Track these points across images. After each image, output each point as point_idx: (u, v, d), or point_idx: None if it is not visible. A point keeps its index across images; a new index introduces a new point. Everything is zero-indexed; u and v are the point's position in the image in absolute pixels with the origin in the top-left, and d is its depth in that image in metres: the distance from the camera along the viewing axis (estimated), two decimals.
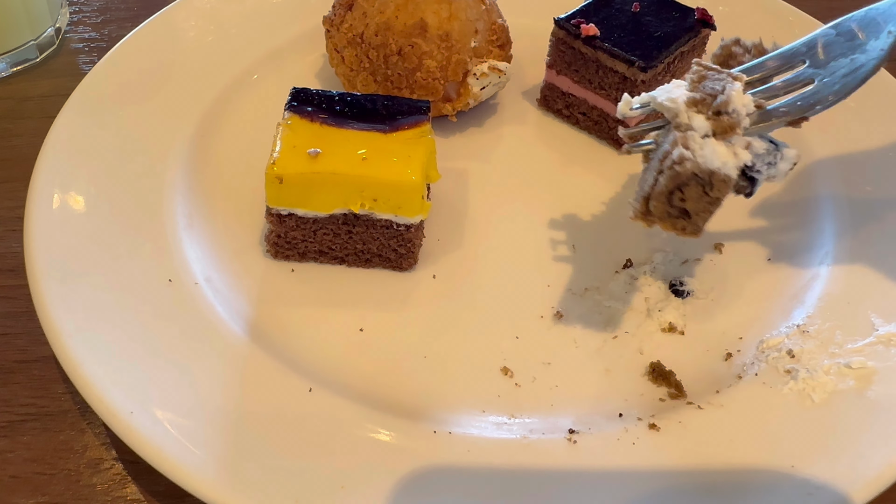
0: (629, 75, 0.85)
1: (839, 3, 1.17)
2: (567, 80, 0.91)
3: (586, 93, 0.90)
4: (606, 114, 0.89)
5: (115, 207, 0.77)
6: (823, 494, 0.61)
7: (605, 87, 0.88)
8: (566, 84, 0.91)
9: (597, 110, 0.90)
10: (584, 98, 0.90)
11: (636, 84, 0.85)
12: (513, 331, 0.74)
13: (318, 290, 0.76)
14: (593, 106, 0.90)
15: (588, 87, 0.89)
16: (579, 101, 0.91)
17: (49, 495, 0.65)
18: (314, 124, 0.74)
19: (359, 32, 0.86)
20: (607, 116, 0.89)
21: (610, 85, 0.87)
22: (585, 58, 0.87)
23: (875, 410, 0.66)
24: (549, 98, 0.94)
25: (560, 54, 0.90)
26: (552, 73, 0.92)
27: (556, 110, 0.94)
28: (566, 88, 0.91)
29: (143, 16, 0.97)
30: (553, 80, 0.92)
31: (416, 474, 0.62)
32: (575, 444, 0.65)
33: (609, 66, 0.86)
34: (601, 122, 0.91)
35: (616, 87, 0.87)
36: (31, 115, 0.95)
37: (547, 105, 0.94)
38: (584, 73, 0.89)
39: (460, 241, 0.81)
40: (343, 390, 0.67)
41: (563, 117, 0.93)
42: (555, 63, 0.91)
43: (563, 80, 0.91)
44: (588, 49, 0.86)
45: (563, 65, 0.90)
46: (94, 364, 0.65)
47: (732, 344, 0.73)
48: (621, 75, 0.85)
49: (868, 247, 0.79)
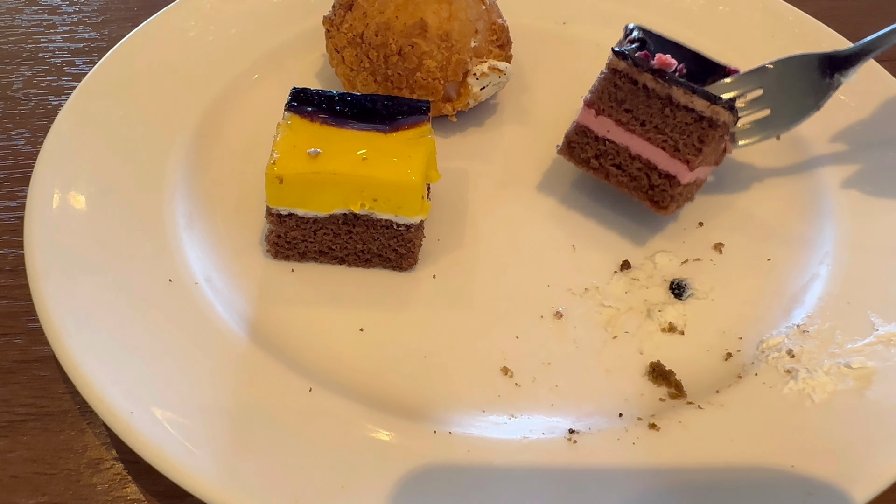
0: (710, 114, 0.74)
1: (839, 3, 1.18)
2: (609, 121, 0.79)
3: (632, 138, 0.78)
4: (652, 165, 0.78)
5: (115, 207, 0.77)
6: (823, 494, 0.61)
7: (664, 130, 0.76)
8: (606, 127, 0.79)
9: (640, 161, 0.78)
10: (626, 146, 0.79)
11: (715, 125, 0.74)
12: (513, 331, 0.74)
13: (318, 290, 0.76)
14: (636, 155, 0.78)
15: (638, 130, 0.78)
16: (618, 150, 0.79)
17: (49, 495, 0.65)
18: (314, 124, 0.74)
19: (359, 32, 0.86)
20: (652, 169, 0.78)
21: (674, 128, 0.76)
22: (650, 94, 0.76)
23: (875, 410, 0.66)
24: (577, 146, 0.81)
25: (613, 91, 0.78)
26: (590, 113, 0.79)
27: (582, 160, 0.81)
28: (604, 133, 0.79)
29: (143, 16, 0.97)
30: (588, 123, 0.80)
31: (416, 474, 0.62)
32: (575, 444, 0.65)
33: (683, 103, 0.75)
34: (640, 176, 0.79)
35: (682, 130, 0.76)
36: (32, 114, 0.95)
37: (572, 154, 0.81)
38: (639, 114, 0.77)
39: (460, 241, 0.81)
40: (343, 390, 0.67)
41: (589, 169, 0.81)
42: (600, 100, 0.78)
43: (604, 123, 0.79)
44: (659, 84, 0.76)
45: (611, 103, 0.78)
46: (94, 364, 0.65)
47: (732, 344, 0.73)
48: (696, 114, 0.75)
49: (868, 247, 0.79)
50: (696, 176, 0.77)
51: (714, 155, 0.78)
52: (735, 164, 0.89)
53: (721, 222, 0.83)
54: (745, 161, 0.90)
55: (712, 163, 0.78)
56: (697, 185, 0.80)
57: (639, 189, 0.79)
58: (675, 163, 0.76)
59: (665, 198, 0.78)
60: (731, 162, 0.89)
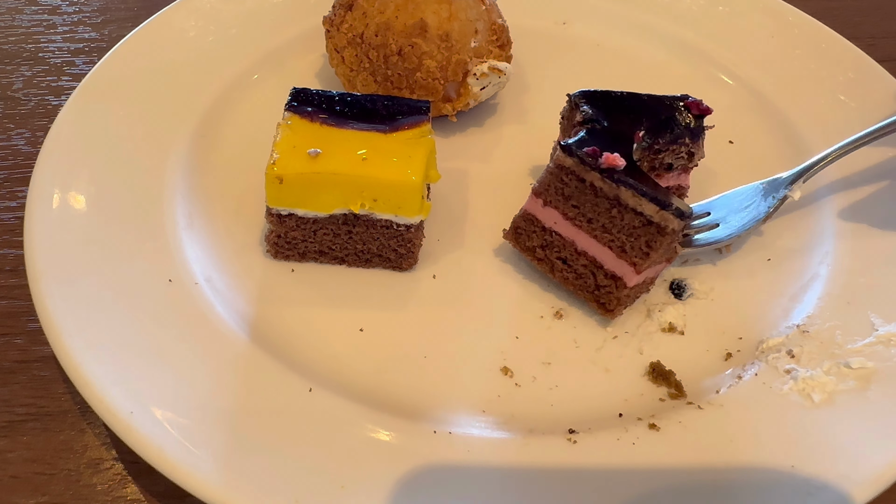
0: (658, 219, 0.70)
1: (839, 3, 1.18)
2: (556, 214, 0.75)
3: (578, 234, 0.74)
4: (598, 264, 0.73)
5: (115, 207, 0.77)
6: (823, 494, 0.61)
7: (611, 230, 0.72)
8: (552, 219, 0.75)
9: (586, 258, 0.74)
10: (572, 240, 0.74)
11: (664, 231, 0.70)
12: (513, 331, 0.74)
13: (318, 290, 0.76)
14: (582, 252, 0.74)
15: (585, 227, 0.73)
16: (564, 244, 0.75)
17: (49, 495, 0.65)
18: (314, 124, 0.74)
19: (359, 32, 0.86)
20: (598, 268, 0.74)
21: (621, 229, 0.71)
22: (597, 193, 0.72)
23: (875, 410, 0.66)
24: (522, 232, 0.77)
25: (560, 185, 0.73)
26: (537, 203, 0.75)
27: (528, 248, 0.77)
28: (550, 224, 0.75)
29: (143, 16, 0.97)
30: (535, 212, 0.76)
31: (416, 474, 0.62)
32: (575, 444, 0.65)
33: (632, 206, 0.70)
34: (586, 274, 0.74)
35: (630, 233, 0.71)
36: (32, 114, 0.95)
37: (517, 240, 0.77)
38: (586, 211, 0.73)
39: (460, 241, 0.81)
40: (343, 390, 0.67)
41: (534, 259, 0.77)
42: (546, 192, 0.74)
43: (550, 214, 0.75)
44: (606, 184, 0.71)
45: (558, 197, 0.74)
46: (94, 364, 0.65)
47: (732, 344, 0.73)
48: (645, 219, 0.70)
49: (868, 247, 0.79)
50: (644, 277, 0.73)
51: (665, 255, 0.74)
52: (735, 165, 0.89)
53: None
54: (745, 161, 0.90)
55: (663, 261, 0.75)
56: (647, 283, 0.76)
57: (584, 288, 0.75)
58: (622, 264, 0.72)
59: (611, 300, 0.73)
60: (731, 162, 0.89)
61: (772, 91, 0.96)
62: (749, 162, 0.90)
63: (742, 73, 0.98)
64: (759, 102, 0.96)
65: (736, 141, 0.92)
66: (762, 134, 0.93)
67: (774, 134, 0.93)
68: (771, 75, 0.97)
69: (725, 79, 0.99)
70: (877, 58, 0.96)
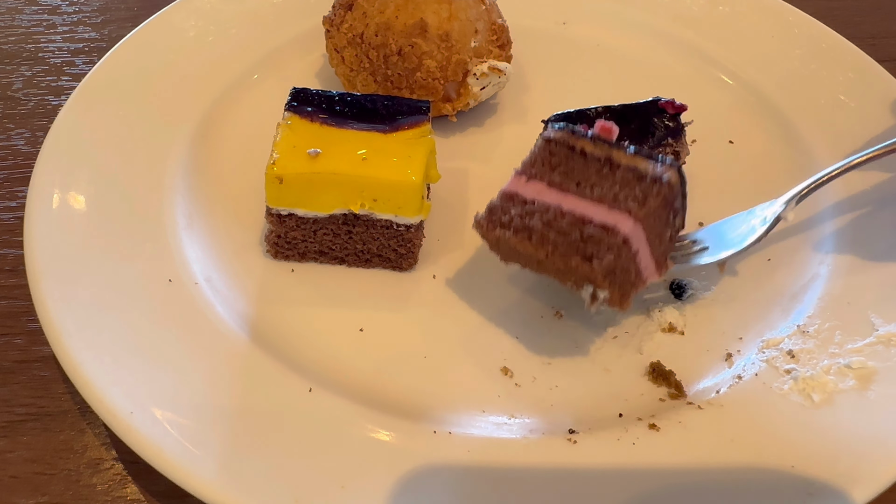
0: (654, 173, 0.68)
1: (839, 3, 1.18)
2: (540, 185, 0.71)
3: (564, 198, 0.69)
4: (587, 219, 0.68)
5: (115, 207, 0.77)
6: (823, 494, 0.61)
7: (602, 185, 0.69)
8: (535, 191, 0.71)
9: (572, 217, 0.68)
10: (557, 204, 0.69)
11: (660, 181, 0.68)
12: (513, 331, 0.74)
13: (318, 290, 0.76)
14: (568, 212, 0.69)
15: (572, 190, 0.70)
16: (547, 208, 0.69)
17: (49, 495, 0.65)
18: (314, 124, 0.75)
19: (359, 32, 0.86)
20: (586, 223, 0.67)
21: (614, 183, 0.69)
22: (587, 157, 0.70)
23: (875, 410, 0.66)
24: (499, 211, 0.71)
25: (547, 157, 0.72)
26: (520, 180, 0.72)
27: (503, 223, 0.70)
28: (532, 196, 0.71)
29: (143, 16, 0.97)
30: (516, 189, 0.71)
31: (416, 474, 0.62)
32: (575, 444, 0.65)
33: (625, 163, 0.69)
34: (570, 231, 0.68)
35: (623, 185, 0.68)
36: (32, 114, 0.95)
37: (491, 219, 0.71)
38: (575, 175, 0.70)
39: (460, 241, 0.81)
40: (343, 390, 0.67)
41: (509, 230, 0.69)
42: (532, 167, 0.72)
43: (533, 187, 0.71)
44: (598, 146, 0.70)
45: (543, 169, 0.71)
46: (94, 364, 0.65)
47: (732, 344, 0.73)
48: (640, 173, 0.68)
49: (868, 247, 0.79)
50: (636, 238, 0.67)
51: (661, 226, 0.70)
52: (734, 165, 0.89)
53: None
54: (745, 161, 0.90)
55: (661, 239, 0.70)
56: (639, 277, 0.70)
57: (568, 245, 0.67)
58: (614, 213, 0.67)
59: (601, 248, 0.65)
60: (731, 162, 0.89)
61: (772, 91, 0.96)
62: (749, 162, 0.90)
63: (742, 73, 0.98)
64: (759, 102, 0.96)
65: (736, 141, 0.92)
66: (762, 134, 0.93)
67: (774, 134, 0.92)
68: (771, 75, 0.97)
69: (725, 79, 0.99)
70: (877, 58, 0.96)
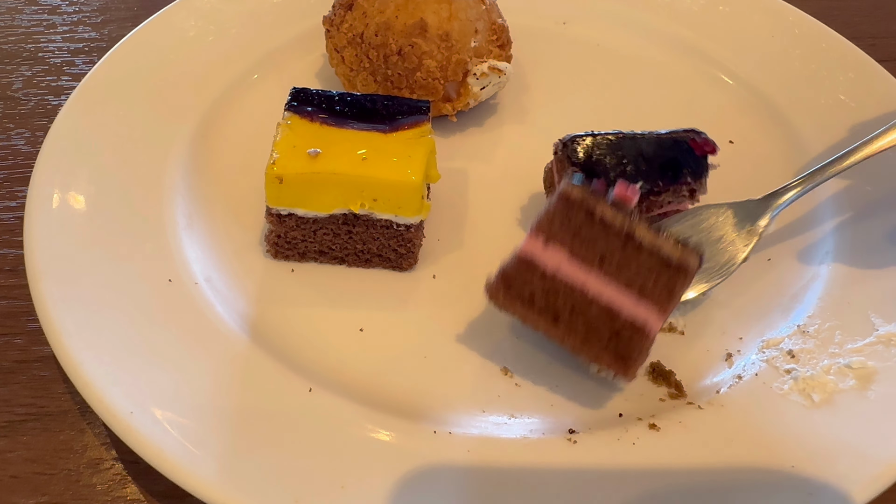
0: (677, 259, 0.63)
1: (839, 3, 1.18)
2: (561, 254, 0.64)
3: (588, 277, 0.63)
4: (615, 311, 0.63)
5: (115, 207, 0.77)
6: (823, 494, 0.61)
7: (628, 269, 0.63)
8: (556, 261, 0.64)
9: (598, 305, 0.63)
10: (581, 285, 0.64)
11: (686, 271, 0.63)
12: (513, 331, 0.74)
13: (318, 290, 0.76)
14: (594, 298, 0.64)
15: (596, 268, 0.63)
16: (571, 290, 0.64)
17: (49, 495, 0.65)
18: (314, 124, 0.75)
19: (359, 32, 0.86)
20: (615, 316, 0.63)
21: (639, 268, 0.63)
22: (608, 229, 0.63)
23: (875, 410, 0.66)
24: (514, 283, 0.65)
25: (566, 219, 0.64)
26: (537, 242, 0.64)
27: (520, 298, 0.65)
28: (553, 268, 0.64)
29: (143, 16, 0.97)
30: (534, 254, 0.64)
31: (416, 474, 0.62)
32: (575, 444, 0.65)
33: (647, 244, 0.63)
34: (599, 325, 0.64)
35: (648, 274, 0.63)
36: (32, 114, 0.95)
37: (507, 293, 0.65)
38: (598, 248, 0.63)
39: (460, 241, 0.81)
40: (343, 390, 0.67)
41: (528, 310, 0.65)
42: (550, 227, 0.64)
43: (554, 256, 0.64)
44: (618, 217, 0.63)
45: (564, 233, 0.64)
46: (94, 364, 0.65)
47: (732, 344, 0.73)
48: (663, 259, 0.63)
49: (868, 247, 0.79)
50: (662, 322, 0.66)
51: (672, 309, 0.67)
52: (735, 165, 0.89)
53: None
54: (745, 161, 0.90)
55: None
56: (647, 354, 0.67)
57: (596, 339, 0.64)
58: (644, 308, 0.63)
59: (632, 349, 0.63)
60: (731, 162, 0.89)
61: (772, 91, 0.96)
62: (749, 162, 0.90)
63: (742, 73, 0.98)
64: (759, 102, 0.96)
65: (736, 141, 0.92)
66: (762, 134, 0.93)
67: (774, 134, 0.92)
68: (771, 75, 0.97)
69: (725, 79, 0.99)
70: (877, 58, 0.96)
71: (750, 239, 0.76)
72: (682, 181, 0.75)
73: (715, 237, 0.76)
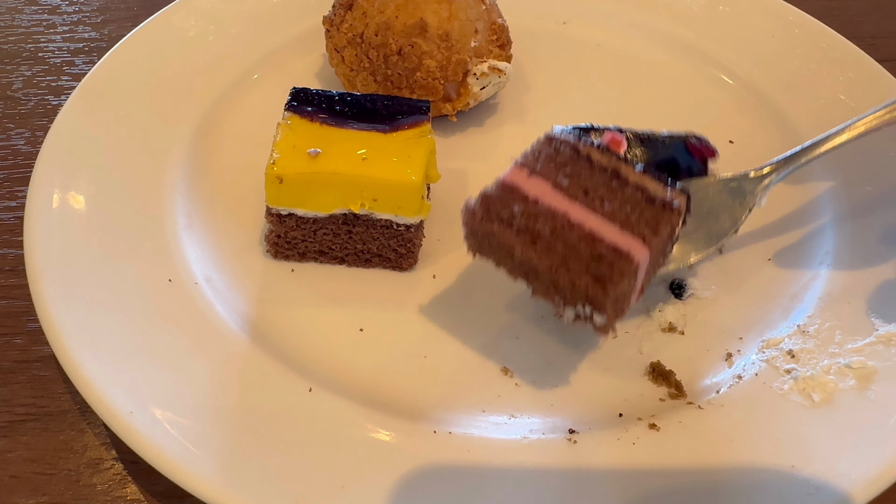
0: (663, 196, 0.65)
1: (839, 3, 1.18)
2: (544, 185, 0.66)
3: (572, 206, 0.64)
4: (597, 236, 0.63)
5: (115, 207, 0.77)
6: (823, 494, 0.61)
7: (612, 201, 0.64)
8: (539, 190, 0.65)
9: (581, 230, 0.63)
10: (564, 212, 0.64)
11: (671, 208, 0.64)
12: (513, 331, 0.74)
13: (318, 290, 0.76)
14: (577, 223, 0.64)
15: (581, 198, 0.65)
16: (553, 214, 0.64)
17: (49, 495, 0.65)
18: (314, 124, 0.75)
19: (359, 32, 0.86)
20: (597, 240, 0.63)
21: (624, 201, 0.64)
22: (593, 165, 0.66)
23: (875, 410, 0.66)
24: (493, 209, 0.65)
25: (551, 153, 0.67)
26: (520, 173, 0.66)
27: (502, 219, 0.64)
28: (535, 194, 0.65)
29: (143, 16, 0.97)
30: (517, 181, 0.66)
31: (416, 474, 0.62)
32: (575, 444, 0.65)
33: (633, 181, 0.65)
34: (580, 246, 0.63)
35: (633, 207, 0.64)
36: (32, 114, 0.95)
37: (487, 213, 0.65)
38: (582, 181, 0.66)
39: (460, 241, 0.80)
40: (343, 390, 0.67)
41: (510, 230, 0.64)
42: (535, 162, 0.67)
43: (537, 185, 0.66)
44: (605, 156, 0.66)
45: (548, 165, 0.66)
46: (94, 364, 0.65)
47: (732, 344, 0.73)
48: (649, 195, 0.65)
49: (868, 247, 0.79)
50: (643, 267, 0.64)
51: (660, 256, 0.67)
52: (735, 165, 0.89)
53: None
54: (745, 161, 0.89)
55: (660, 259, 0.67)
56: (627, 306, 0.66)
57: (576, 260, 0.62)
58: (627, 237, 0.63)
59: (613, 273, 0.61)
60: (731, 162, 0.89)
61: (772, 91, 0.96)
62: (749, 162, 0.89)
63: (742, 73, 0.98)
64: (759, 102, 0.96)
65: (736, 141, 0.92)
66: (762, 134, 0.93)
67: (774, 134, 0.92)
68: (771, 75, 0.97)
69: (725, 79, 0.99)
70: (877, 58, 0.96)
71: (741, 212, 0.76)
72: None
73: (705, 209, 0.76)
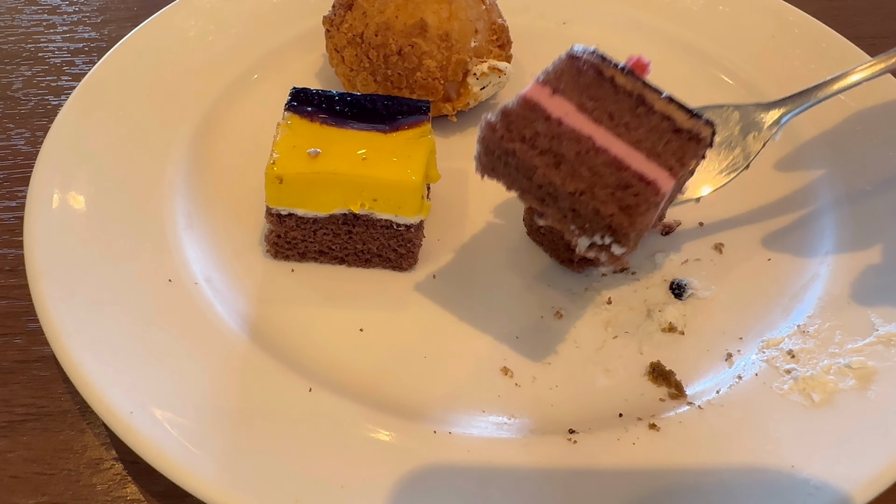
0: (690, 127, 0.62)
1: (839, 3, 1.18)
2: (567, 105, 0.62)
3: (597, 130, 0.62)
4: (624, 164, 0.61)
5: (115, 207, 0.77)
6: (823, 494, 0.61)
7: (638, 129, 0.62)
8: (563, 110, 0.62)
9: (606, 155, 0.61)
10: (589, 135, 0.61)
11: (698, 139, 0.62)
12: (513, 331, 0.74)
13: (318, 290, 0.76)
14: (602, 148, 0.61)
15: (606, 123, 0.62)
16: (578, 137, 0.61)
17: (49, 495, 0.65)
18: (314, 124, 0.75)
19: (359, 32, 0.86)
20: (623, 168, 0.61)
21: (650, 129, 0.62)
22: (618, 89, 0.63)
23: (875, 410, 0.66)
24: (514, 125, 0.61)
25: (575, 74, 0.63)
26: (543, 91, 0.63)
27: (524, 139, 0.61)
28: (558, 114, 0.62)
29: (143, 16, 0.97)
30: (540, 99, 0.62)
31: (416, 474, 0.62)
32: (575, 444, 0.65)
33: (658, 108, 0.62)
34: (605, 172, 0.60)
35: (660, 136, 0.62)
36: (32, 114, 0.95)
37: (509, 128, 0.61)
38: (608, 105, 0.63)
39: (460, 241, 0.81)
40: (343, 390, 0.67)
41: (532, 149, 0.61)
42: (558, 80, 0.63)
43: (560, 105, 0.62)
44: (630, 80, 0.64)
45: (572, 86, 0.63)
46: (94, 364, 0.65)
47: (732, 344, 0.73)
48: (675, 124, 0.62)
49: (868, 247, 0.79)
50: (667, 196, 0.62)
51: (679, 188, 0.66)
52: None
53: (721, 222, 0.83)
54: None
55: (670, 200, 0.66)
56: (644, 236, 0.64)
57: (601, 187, 0.59)
58: (654, 167, 0.61)
59: (639, 204, 0.59)
60: None
61: (772, 91, 0.96)
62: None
63: (742, 73, 0.98)
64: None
65: None
66: None
67: None
68: (771, 75, 0.97)
69: (725, 79, 0.99)
70: None
71: (756, 145, 0.72)
72: None
73: (720, 140, 0.72)
